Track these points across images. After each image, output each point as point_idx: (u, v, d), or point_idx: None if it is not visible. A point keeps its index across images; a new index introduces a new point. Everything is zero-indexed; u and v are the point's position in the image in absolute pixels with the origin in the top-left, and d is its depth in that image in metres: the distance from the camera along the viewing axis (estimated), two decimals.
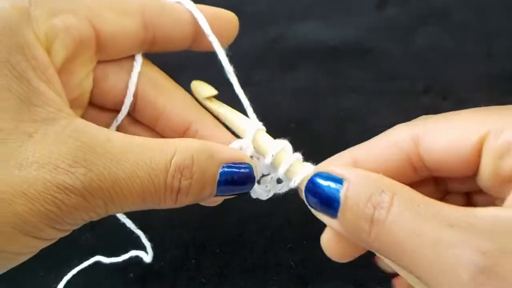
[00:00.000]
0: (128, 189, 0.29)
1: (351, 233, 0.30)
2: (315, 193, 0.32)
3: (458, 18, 0.65)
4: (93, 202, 0.29)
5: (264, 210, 0.54)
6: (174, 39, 0.36)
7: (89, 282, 0.49)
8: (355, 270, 0.51)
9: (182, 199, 0.32)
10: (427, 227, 0.27)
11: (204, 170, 0.31)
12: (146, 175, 0.30)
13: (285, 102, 0.60)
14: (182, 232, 0.54)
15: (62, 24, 0.31)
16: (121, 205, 0.30)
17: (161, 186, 0.30)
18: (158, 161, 0.30)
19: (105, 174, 0.28)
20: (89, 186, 0.28)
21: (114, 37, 0.33)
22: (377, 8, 0.65)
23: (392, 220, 0.28)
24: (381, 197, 0.29)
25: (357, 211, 0.29)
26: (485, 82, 0.62)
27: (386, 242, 0.28)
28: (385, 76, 0.63)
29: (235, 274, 0.52)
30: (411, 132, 0.33)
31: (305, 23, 0.64)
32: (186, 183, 0.31)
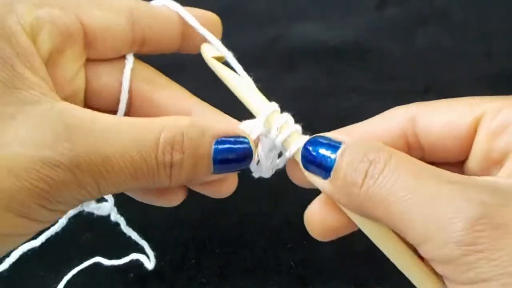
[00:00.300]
0: (119, 166, 0.29)
1: (342, 191, 0.30)
2: (311, 154, 0.31)
3: (458, 18, 0.65)
4: (83, 179, 0.28)
5: (264, 210, 0.54)
6: (163, 39, 0.36)
7: (89, 282, 0.49)
8: (355, 270, 0.51)
9: (176, 174, 0.31)
10: (427, 181, 0.26)
11: (196, 145, 0.31)
12: (136, 151, 0.29)
13: (285, 102, 0.60)
14: (182, 232, 0.54)
15: (48, 15, 0.31)
16: (114, 184, 0.29)
17: (153, 162, 0.29)
18: (147, 137, 0.29)
19: (93, 150, 0.28)
20: (76, 161, 0.27)
21: (102, 33, 0.33)
22: (377, 8, 0.65)
23: (388, 173, 0.27)
24: (379, 154, 0.28)
25: (351, 167, 0.29)
26: (485, 82, 0.62)
27: (379, 196, 0.27)
28: (385, 76, 0.63)
29: (235, 274, 0.52)
30: (408, 111, 0.33)
31: (305, 23, 0.64)
32: (178, 158, 0.30)
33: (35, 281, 0.50)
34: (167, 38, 0.36)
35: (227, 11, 0.64)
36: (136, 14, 0.34)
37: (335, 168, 0.30)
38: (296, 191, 0.36)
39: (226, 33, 0.39)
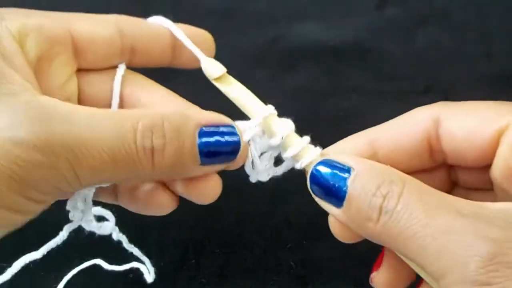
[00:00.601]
0: (95, 150, 0.28)
1: (357, 223, 0.30)
2: (320, 181, 0.31)
3: (458, 18, 0.65)
4: (56, 161, 0.27)
5: (264, 210, 0.54)
6: (153, 51, 0.36)
7: (89, 282, 0.49)
8: (355, 270, 0.51)
9: (159, 159, 0.29)
10: (438, 215, 0.27)
11: (178, 128, 0.30)
12: (112, 135, 0.28)
13: (285, 102, 0.60)
14: (182, 232, 0.54)
15: (35, 23, 0.32)
16: (92, 170, 0.28)
17: (131, 146, 0.29)
18: (124, 124, 0.29)
19: (66, 131, 0.27)
20: (48, 142, 0.27)
21: (91, 41, 0.34)
22: (377, 8, 0.65)
23: (402, 208, 0.27)
24: (391, 186, 0.28)
25: (364, 200, 0.29)
26: (485, 82, 0.62)
27: (395, 231, 0.27)
28: (385, 76, 0.63)
29: (235, 274, 0.52)
30: (432, 113, 0.33)
31: (305, 23, 0.64)
32: (160, 142, 0.29)
33: (35, 281, 0.50)
34: (156, 49, 0.36)
35: (227, 11, 0.64)
36: (124, 25, 0.35)
37: (347, 199, 0.30)
38: (296, 191, 0.36)
39: (227, 33, 0.39)
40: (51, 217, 0.36)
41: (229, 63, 0.37)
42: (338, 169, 0.31)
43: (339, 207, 0.30)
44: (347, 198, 0.30)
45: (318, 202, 0.32)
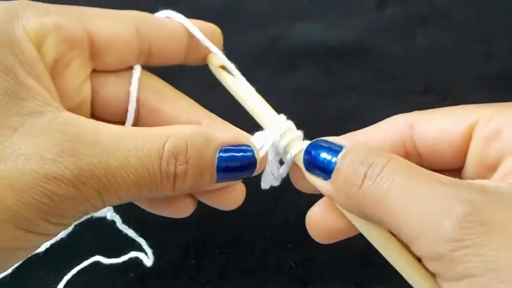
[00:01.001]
0: (122, 177, 0.28)
1: (341, 192, 0.31)
2: (313, 155, 0.32)
3: (458, 18, 0.64)
4: (86, 192, 0.28)
5: (264, 210, 0.54)
6: (169, 51, 0.36)
7: (89, 282, 0.49)
8: (355, 270, 0.51)
9: (180, 185, 0.31)
10: (420, 183, 0.28)
11: (200, 154, 0.31)
12: (139, 162, 0.29)
13: (285, 102, 0.60)
14: (182, 232, 0.54)
15: (53, 23, 0.30)
16: (117, 195, 0.29)
17: (156, 172, 0.29)
18: (150, 147, 0.29)
19: (95, 162, 0.28)
20: (79, 175, 0.27)
21: (108, 42, 0.33)
22: (377, 8, 0.65)
23: (385, 175, 0.28)
24: (378, 157, 0.29)
25: (351, 169, 0.30)
26: (485, 82, 0.62)
27: (376, 196, 0.28)
28: (385, 76, 0.63)
29: (235, 274, 0.52)
30: (406, 119, 0.34)
31: (305, 23, 0.64)
32: (182, 168, 0.30)
33: (35, 281, 0.50)
34: (173, 49, 0.36)
35: (227, 11, 0.64)
36: (142, 25, 0.34)
37: (336, 169, 0.31)
38: (296, 191, 0.36)
39: (226, 33, 0.39)
40: None
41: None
42: (330, 147, 0.32)
43: (327, 179, 0.31)
44: (335, 170, 0.31)
45: (308, 178, 0.33)
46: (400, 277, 0.32)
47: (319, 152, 0.32)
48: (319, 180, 0.32)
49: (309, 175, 0.33)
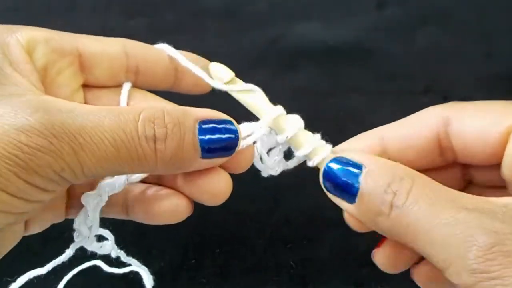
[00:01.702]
0: (97, 137, 0.28)
1: (368, 217, 0.31)
2: (332, 178, 0.32)
3: (458, 18, 0.65)
4: (59, 146, 0.28)
5: (264, 210, 0.54)
6: (156, 73, 0.37)
7: (89, 283, 0.49)
8: (355, 270, 0.51)
9: (161, 149, 0.30)
10: (444, 209, 0.28)
11: (179, 122, 0.31)
12: (114, 123, 0.29)
13: (285, 102, 0.60)
14: (182, 232, 0.54)
15: (43, 36, 0.34)
16: (94, 158, 0.28)
17: (133, 134, 0.29)
18: (126, 114, 0.30)
19: (69, 121, 0.28)
20: (51, 128, 0.28)
21: (97, 56, 0.35)
22: (377, 8, 0.65)
23: (410, 203, 0.29)
24: (401, 183, 0.30)
25: (376, 196, 0.30)
26: (485, 82, 0.62)
27: (404, 225, 0.29)
28: (385, 76, 0.63)
29: (235, 274, 0.52)
30: (441, 112, 0.33)
31: (305, 23, 0.64)
32: (162, 131, 0.30)
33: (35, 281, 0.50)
34: (160, 72, 0.37)
35: (227, 11, 0.64)
36: (130, 46, 0.37)
37: (359, 196, 0.31)
38: (296, 190, 0.36)
39: (226, 33, 0.39)
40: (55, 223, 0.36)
41: (229, 63, 0.37)
42: (350, 166, 0.32)
43: (352, 203, 0.32)
44: (359, 195, 0.31)
45: (331, 198, 0.33)
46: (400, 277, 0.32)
47: (338, 176, 0.32)
48: (343, 202, 0.32)
49: (333, 197, 0.33)
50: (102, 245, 0.37)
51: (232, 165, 0.34)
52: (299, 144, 0.35)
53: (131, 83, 0.37)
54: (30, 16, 0.61)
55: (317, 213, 0.52)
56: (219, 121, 0.32)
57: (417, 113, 0.35)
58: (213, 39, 0.38)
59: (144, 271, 0.43)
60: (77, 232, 0.35)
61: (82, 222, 0.35)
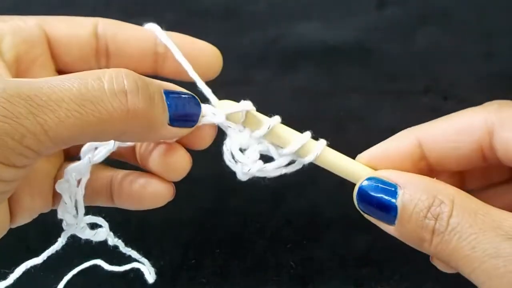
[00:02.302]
0: (56, 96, 0.26)
1: (411, 241, 0.31)
2: (368, 200, 0.31)
3: (458, 18, 0.64)
4: (14, 110, 0.25)
5: (264, 210, 0.54)
6: (132, 56, 0.36)
7: (89, 282, 0.49)
8: (355, 270, 0.51)
9: (135, 100, 0.28)
10: (485, 239, 0.28)
11: (146, 81, 0.30)
12: (76, 82, 0.27)
13: (285, 102, 0.60)
14: (182, 232, 0.54)
15: (10, 26, 0.33)
16: (57, 116, 0.26)
17: (98, 89, 0.28)
18: (89, 74, 0.28)
19: (24, 85, 0.26)
20: (1, 92, 0.25)
21: (65, 41, 0.35)
22: (377, 8, 0.65)
23: (451, 231, 0.28)
24: (441, 207, 0.29)
25: (416, 221, 0.30)
26: (485, 82, 0.62)
27: (448, 251, 0.29)
28: (385, 76, 0.63)
29: (235, 274, 0.52)
30: (485, 118, 0.31)
31: (305, 23, 0.64)
32: (133, 84, 0.29)
33: (35, 281, 0.50)
34: (136, 53, 0.36)
35: (228, 11, 0.64)
36: (101, 26, 0.36)
37: (399, 219, 0.30)
38: (296, 191, 0.36)
39: (226, 33, 0.39)
40: (52, 218, 0.36)
41: (229, 63, 0.37)
42: (385, 188, 0.31)
43: (391, 225, 0.31)
44: (399, 219, 0.30)
45: (369, 219, 0.32)
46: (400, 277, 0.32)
47: (373, 198, 0.31)
48: (382, 224, 0.31)
49: (370, 218, 0.32)
50: (96, 232, 0.37)
51: (193, 141, 0.34)
52: (284, 140, 0.34)
53: (104, 67, 0.36)
54: None
55: (317, 213, 0.52)
56: (183, 92, 0.32)
57: (458, 118, 0.33)
58: (213, 39, 0.38)
59: (145, 265, 0.43)
60: (64, 221, 0.35)
61: (64, 211, 0.34)
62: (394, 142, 0.34)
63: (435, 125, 0.33)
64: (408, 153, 0.33)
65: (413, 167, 0.33)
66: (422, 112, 0.60)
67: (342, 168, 0.33)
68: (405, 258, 0.48)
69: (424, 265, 0.34)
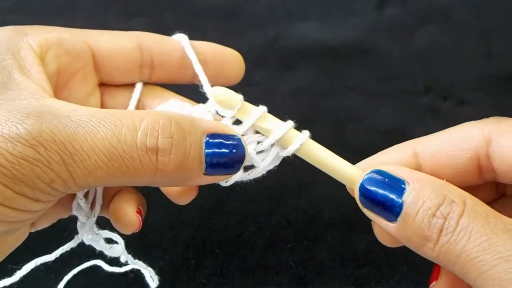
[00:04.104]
0: (88, 145, 0.27)
1: (412, 240, 0.29)
2: (371, 194, 0.30)
3: (458, 18, 0.65)
4: (46, 155, 0.26)
5: (264, 210, 0.54)
6: (173, 66, 0.36)
7: (89, 282, 0.49)
8: (355, 270, 0.51)
9: (164, 161, 0.28)
10: (497, 241, 0.26)
11: (185, 132, 0.29)
12: (109, 132, 0.27)
13: (285, 102, 0.60)
14: (182, 232, 0.54)
15: (55, 37, 0.33)
16: (85, 166, 0.27)
17: (130, 144, 0.27)
18: (124, 119, 0.28)
19: (60, 128, 0.27)
20: (37, 135, 0.26)
21: (110, 53, 0.35)
22: (377, 8, 0.65)
23: (461, 231, 0.27)
24: (452, 206, 0.28)
25: (423, 219, 0.28)
26: (485, 82, 0.62)
27: (454, 253, 0.27)
28: (385, 76, 0.63)
29: (235, 274, 0.52)
30: (483, 130, 0.31)
31: (305, 23, 0.64)
32: (166, 141, 0.28)
33: (35, 281, 0.50)
34: (175, 64, 0.36)
35: (227, 11, 0.64)
36: (144, 39, 0.36)
37: (403, 216, 0.29)
38: (296, 190, 0.36)
39: (226, 33, 0.39)
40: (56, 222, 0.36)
41: None
42: (391, 182, 0.29)
43: (391, 222, 0.29)
44: (402, 215, 0.29)
45: (367, 214, 0.31)
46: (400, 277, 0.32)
47: (378, 192, 0.29)
48: (381, 220, 0.30)
49: (368, 212, 0.30)
50: (112, 247, 0.37)
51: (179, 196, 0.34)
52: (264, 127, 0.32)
53: (147, 79, 0.37)
54: (30, 16, 0.61)
55: (317, 213, 0.52)
56: (228, 136, 0.31)
57: (455, 129, 0.32)
58: (213, 39, 0.38)
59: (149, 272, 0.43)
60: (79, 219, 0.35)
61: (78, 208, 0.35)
62: (390, 153, 0.33)
63: (433, 137, 0.32)
64: (404, 165, 0.32)
65: None
66: (422, 112, 0.60)
67: (325, 161, 0.32)
68: (405, 258, 0.48)
69: (424, 265, 0.34)
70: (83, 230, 0.35)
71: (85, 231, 0.35)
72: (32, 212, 0.28)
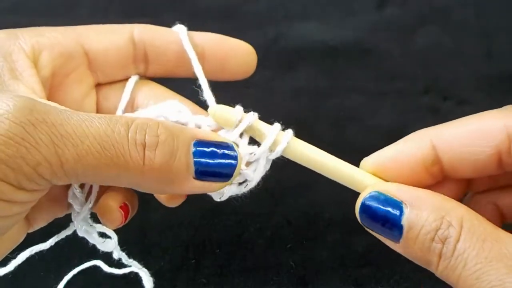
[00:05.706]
0: (82, 131, 0.26)
1: (417, 261, 0.30)
2: (371, 216, 0.30)
3: (458, 18, 0.65)
4: (35, 135, 0.25)
5: (264, 210, 0.54)
6: (169, 59, 0.36)
7: (89, 282, 0.49)
8: (355, 270, 0.51)
9: (150, 155, 0.28)
10: (492, 269, 0.27)
11: (172, 135, 0.29)
12: (104, 123, 0.27)
13: (285, 102, 0.60)
14: (182, 232, 0.54)
15: (48, 40, 0.33)
16: (77, 151, 0.26)
17: (123, 135, 0.27)
18: (118, 119, 0.28)
19: (53, 111, 0.26)
20: (28, 114, 0.25)
21: (103, 51, 0.35)
22: (377, 8, 0.65)
23: (458, 256, 0.27)
24: (449, 231, 0.28)
25: (423, 244, 0.28)
26: (485, 82, 0.62)
27: (454, 277, 0.28)
28: (385, 76, 0.63)
29: (235, 274, 0.52)
30: (505, 123, 0.30)
31: (305, 23, 0.64)
32: (153, 139, 0.28)
33: (35, 281, 0.50)
34: (171, 57, 0.36)
35: (227, 11, 0.64)
36: (137, 32, 0.35)
37: (404, 239, 0.29)
38: (296, 191, 0.36)
39: (226, 33, 0.39)
40: None
41: None
42: (390, 205, 0.30)
43: (396, 242, 0.30)
44: (404, 238, 0.29)
45: (371, 232, 0.31)
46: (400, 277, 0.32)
47: (377, 215, 0.30)
48: (386, 240, 0.30)
49: (373, 233, 0.31)
50: (105, 241, 0.37)
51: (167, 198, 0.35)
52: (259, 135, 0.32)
53: (143, 74, 0.36)
54: (30, 16, 0.61)
55: (317, 213, 0.52)
56: (219, 144, 0.31)
57: (475, 121, 0.31)
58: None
59: (144, 273, 0.43)
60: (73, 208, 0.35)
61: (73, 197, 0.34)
62: (406, 144, 0.32)
63: (452, 128, 0.31)
64: (421, 157, 0.31)
65: (425, 172, 0.32)
66: (422, 112, 0.60)
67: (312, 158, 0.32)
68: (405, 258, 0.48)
69: None
70: (78, 218, 0.35)
71: (79, 220, 0.35)
72: (17, 204, 0.27)
